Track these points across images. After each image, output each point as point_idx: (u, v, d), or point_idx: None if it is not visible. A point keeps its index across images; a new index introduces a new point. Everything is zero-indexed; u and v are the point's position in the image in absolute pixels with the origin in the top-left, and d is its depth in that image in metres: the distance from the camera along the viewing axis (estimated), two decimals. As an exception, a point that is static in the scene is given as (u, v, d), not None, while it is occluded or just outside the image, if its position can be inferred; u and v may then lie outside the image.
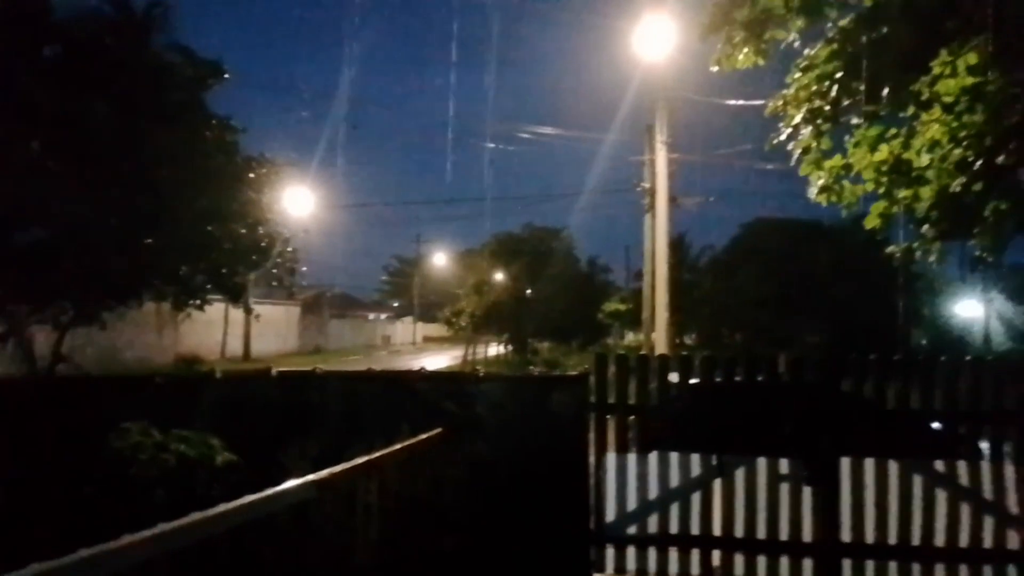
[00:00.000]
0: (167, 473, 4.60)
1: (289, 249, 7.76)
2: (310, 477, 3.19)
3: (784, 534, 5.05)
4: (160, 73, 5.79)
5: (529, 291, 35.29)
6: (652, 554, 5.19)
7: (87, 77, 5.42)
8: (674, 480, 5.19)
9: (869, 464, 5.03)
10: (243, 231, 6.44)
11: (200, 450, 4.77)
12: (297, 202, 18.36)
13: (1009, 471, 4.96)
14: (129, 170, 5.22)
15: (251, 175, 6.56)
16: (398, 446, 4.19)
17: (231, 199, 6.18)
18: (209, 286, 6.61)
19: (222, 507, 2.61)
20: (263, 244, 6.92)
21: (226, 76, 6.39)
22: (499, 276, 35.14)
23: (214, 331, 31.49)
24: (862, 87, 7.34)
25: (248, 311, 6.92)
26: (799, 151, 8.26)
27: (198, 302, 6.71)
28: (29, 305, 5.88)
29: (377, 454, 3.84)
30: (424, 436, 4.64)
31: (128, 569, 2.11)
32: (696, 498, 5.15)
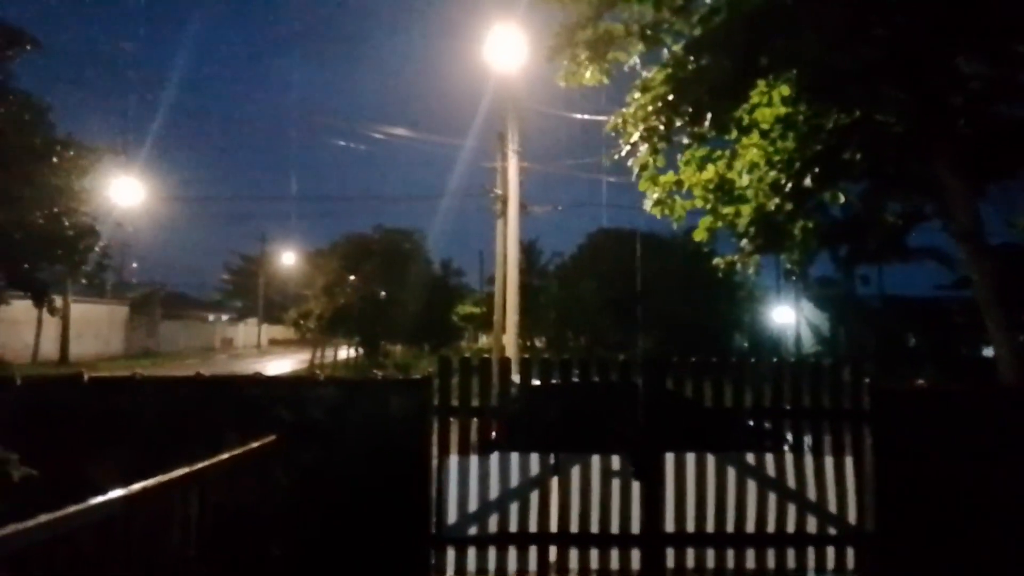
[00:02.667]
0: (-52, 492, 4.06)
1: (101, 243, 7.04)
2: (118, 492, 2.96)
3: (615, 527, 5.31)
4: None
5: (382, 293, 34.74)
6: (492, 554, 5.27)
7: None
8: (514, 480, 5.30)
9: (690, 458, 5.41)
10: (41, 221, 5.76)
11: (-10, 465, 4.25)
12: (123, 193, 16.81)
13: (808, 461, 5.51)
14: None
15: (54, 159, 5.89)
16: (223, 456, 3.97)
17: (30, 184, 5.51)
18: (5, 283, 5.85)
19: (11, 528, 2.37)
20: (69, 236, 6.23)
21: (29, 46, 5.70)
22: (350, 277, 34.30)
23: (24, 332, 28.20)
24: (688, 110, 7.92)
25: (52, 311, 6.13)
26: (637, 167, 8.77)
27: (-7, 299, 5.93)
28: None
29: (198, 465, 3.61)
30: (253, 444, 4.42)
31: None
32: (534, 496, 5.29)
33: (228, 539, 3.99)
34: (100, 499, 2.86)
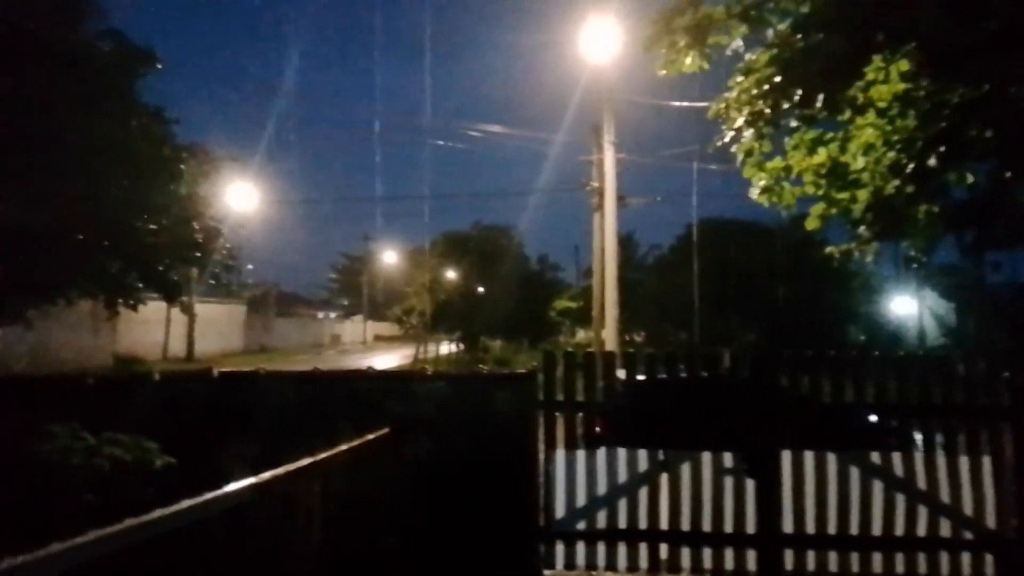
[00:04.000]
0: (100, 477, 4.42)
1: (227, 245, 7.51)
2: (248, 480, 3.11)
3: (729, 526, 5.15)
4: (85, 58, 5.52)
5: (481, 289, 35.25)
6: (601, 549, 5.23)
7: (5, 64, 5.14)
8: (621, 475, 5.24)
9: (808, 456, 5.17)
10: (174, 226, 6.20)
11: (135, 453, 4.59)
12: (240, 197, 17.86)
13: (940, 462, 5.15)
14: (50, 158, 4.96)
15: (182, 167, 6.32)
16: (342, 447, 4.11)
17: (162, 191, 5.94)
18: (142, 284, 6.34)
19: (157, 512, 2.53)
20: (197, 240, 6.68)
21: (157, 63, 6.14)
22: (449, 274, 35.00)
23: (154, 331, 30.50)
24: (798, 92, 7.53)
25: (186, 310, 6.67)
26: (742, 153, 8.44)
27: (131, 301, 6.42)
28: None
29: (319, 456, 3.76)
30: (368, 437, 4.57)
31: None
32: (643, 493, 5.21)
33: (346, 529, 4.13)
34: (233, 487, 3.01)
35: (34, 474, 4.31)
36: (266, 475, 3.24)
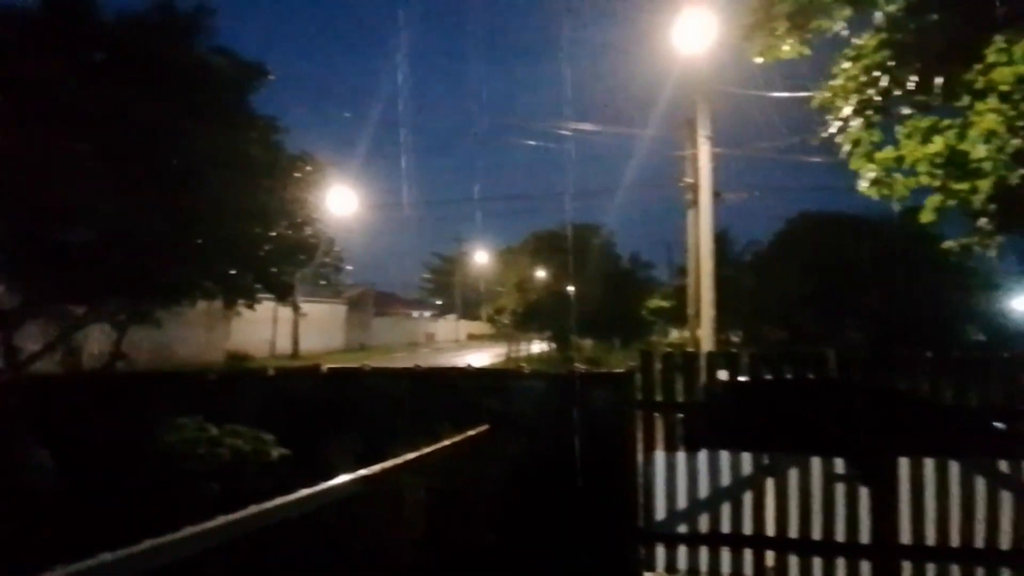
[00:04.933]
0: (221, 467, 4.71)
1: (336, 248, 7.89)
2: (359, 472, 3.22)
3: (841, 535, 4.93)
4: (203, 75, 5.91)
5: (571, 288, 35.15)
6: (703, 553, 5.12)
7: (133, 80, 5.57)
8: (724, 479, 5.11)
9: (928, 464, 4.88)
10: (288, 231, 6.56)
11: (254, 445, 4.87)
12: (340, 201, 18.58)
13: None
14: (176, 171, 5.35)
15: (296, 174, 6.67)
16: (445, 443, 4.21)
17: (276, 198, 6.30)
18: (258, 285, 6.73)
19: (275, 501, 2.66)
20: (309, 243, 7.03)
21: (268, 76, 6.49)
22: (540, 273, 35.09)
23: (262, 329, 32.14)
24: (913, 77, 7.10)
25: (296, 309, 7.03)
26: (849, 144, 8.04)
27: (248, 301, 6.84)
28: (84, 305, 6.07)
29: (423, 451, 3.86)
30: (468, 433, 4.65)
31: (183, 560, 2.16)
32: (748, 497, 5.06)
33: (448, 523, 4.22)
34: (345, 478, 3.14)
35: (164, 463, 4.64)
36: (375, 468, 3.36)
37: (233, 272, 6.42)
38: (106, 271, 5.75)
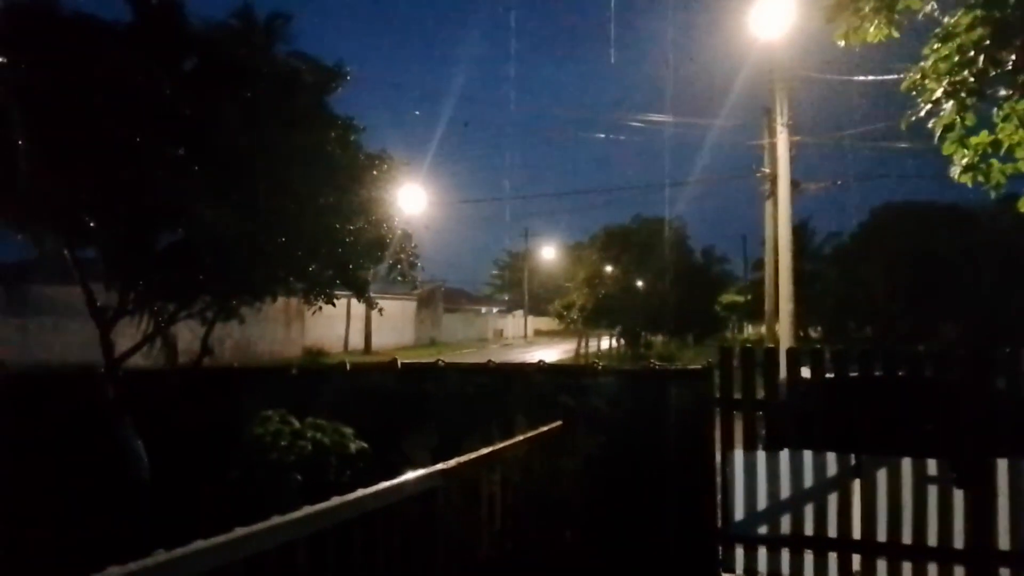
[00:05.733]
0: (303, 459, 4.86)
1: (412, 244, 8.01)
2: (438, 466, 3.25)
3: (933, 539, 4.69)
4: (287, 80, 6.10)
5: (641, 283, 34.69)
6: (785, 556, 4.97)
7: (221, 85, 5.80)
8: (807, 480, 4.93)
9: None
10: (366, 227, 6.69)
11: (334, 438, 5.00)
12: (412, 198, 18.92)
13: None
14: (261, 172, 5.54)
15: (374, 172, 6.80)
16: (518, 438, 4.21)
17: (354, 196, 6.44)
18: (337, 281, 6.90)
19: (358, 493, 2.72)
20: (386, 239, 7.16)
21: (347, 78, 6.64)
22: (609, 269, 34.77)
23: (336, 325, 33.08)
24: (1012, 56, 6.66)
25: (371, 305, 7.19)
26: (940, 128, 7.62)
27: (326, 297, 7.02)
28: (175, 302, 6.38)
29: (498, 445, 3.88)
30: (543, 429, 4.64)
31: (272, 549, 2.23)
32: (833, 499, 4.87)
33: (525, 519, 4.23)
34: (424, 471, 3.18)
35: (251, 454, 4.82)
36: (452, 462, 3.38)
37: (313, 269, 6.60)
38: (197, 270, 6.02)
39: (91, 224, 5.93)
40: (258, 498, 4.48)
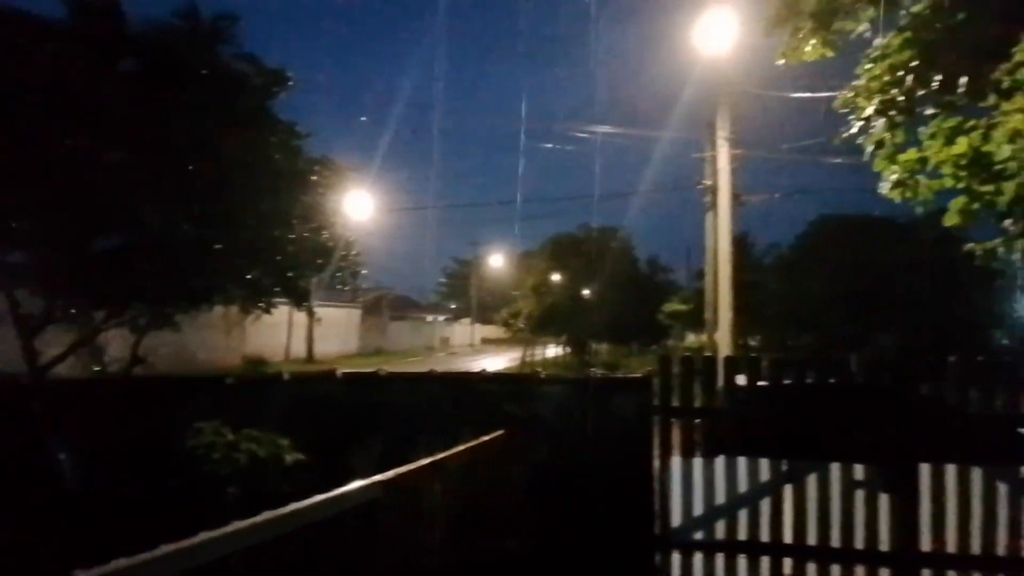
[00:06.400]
0: (239, 471, 4.74)
1: (354, 252, 7.94)
2: (377, 477, 3.22)
3: (860, 542, 4.86)
4: (230, 82, 5.98)
5: (587, 292, 35.06)
6: (720, 561, 5.07)
7: (162, 88, 5.65)
8: (742, 485, 5.05)
9: (951, 471, 4.80)
10: (307, 234, 6.61)
11: (270, 449, 4.89)
12: (357, 205, 18.70)
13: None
14: (202, 176, 5.41)
15: (314, 178, 6.72)
16: (461, 448, 4.20)
17: (296, 202, 6.35)
18: (276, 289, 6.78)
19: (294, 506, 2.67)
20: (327, 247, 7.07)
21: (290, 82, 6.56)
22: (556, 277, 35.04)
23: (278, 333, 32.37)
24: (938, 76, 7.00)
25: (311, 314, 7.08)
26: (872, 145, 7.94)
27: (265, 305, 6.88)
28: (107, 310, 6.15)
29: (441, 455, 3.86)
30: (486, 438, 4.64)
31: (204, 565, 2.17)
32: (766, 504, 5.00)
33: (469, 528, 4.21)
34: (363, 483, 3.13)
35: (183, 468, 4.68)
36: (391, 473, 3.35)
37: (252, 276, 6.47)
38: (131, 276, 5.83)
39: (14, 226, 5.69)
40: (190, 513, 4.35)
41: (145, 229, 5.16)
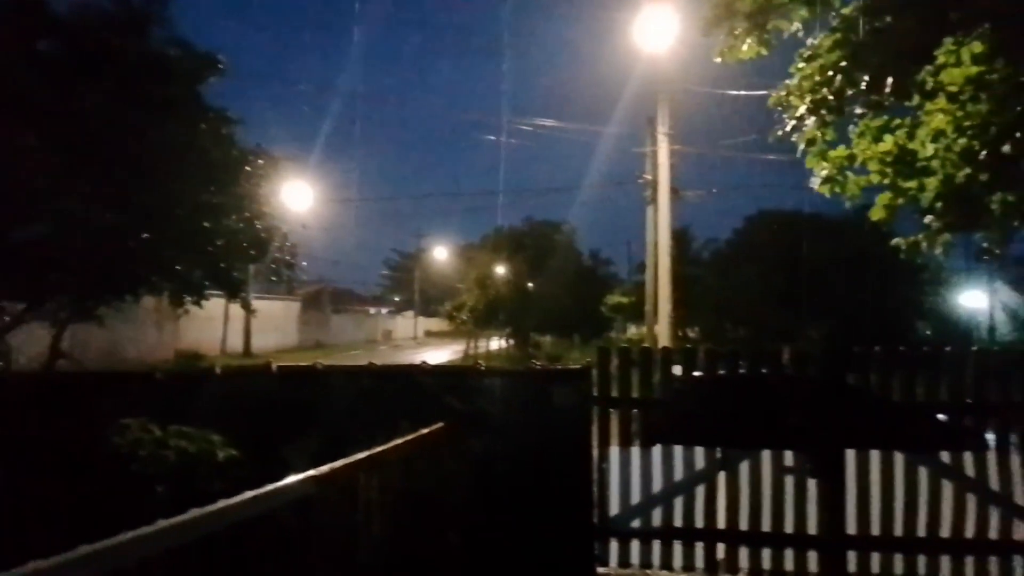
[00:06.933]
0: (168, 469, 4.57)
1: (288, 243, 7.72)
2: (310, 473, 3.15)
3: (789, 527, 5.02)
4: (157, 66, 5.74)
5: (531, 285, 35.22)
6: (656, 548, 5.16)
7: (84, 70, 5.38)
8: (678, 474, 5.16)
9: (875, 456, 5.00)
10: (240, 225, 6.39)
11: (200, 446, 4.74)
12: (296, 196, 18.29)
13: (1015, 462, 4.93)
14: (126, 163, 5.17)
15: (247, 168, 6.51)
16: (399, 441, 4.15)
17: (227, 192, 6.14)
18: (207, 281, 6.55)
19: (222, 503, 2.58)
20: (261, 238, 6.86)
21: (221, 68, 6.34)
22: (501, 270, 35.09)
23: (214, 327, 31.47)
24: (865, 77, 7.28)
25: (246, 307, 6.90)
26: (804, 142, 8.20)
27: (196, 298, 6.64)
28: (26, 302, 5.85)
29: (378, 449, 3.80)
30: (426, 431, 4.60)
31: (128, 566, 2.08)
32: (700, 492, 5.12)
33: (408, 523, 4.17)
34: (295, 479, 3.06)
35: (107, 467, 4.49)
36: (325, 468, 3.28)
37: (181, 267, 6.24)
38: (50, 266, 5.54)
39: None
40: (115, 514, 4.17)
41: (65, 219, 4.90)
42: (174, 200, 5.63)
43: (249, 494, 2.74)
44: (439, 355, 35.88)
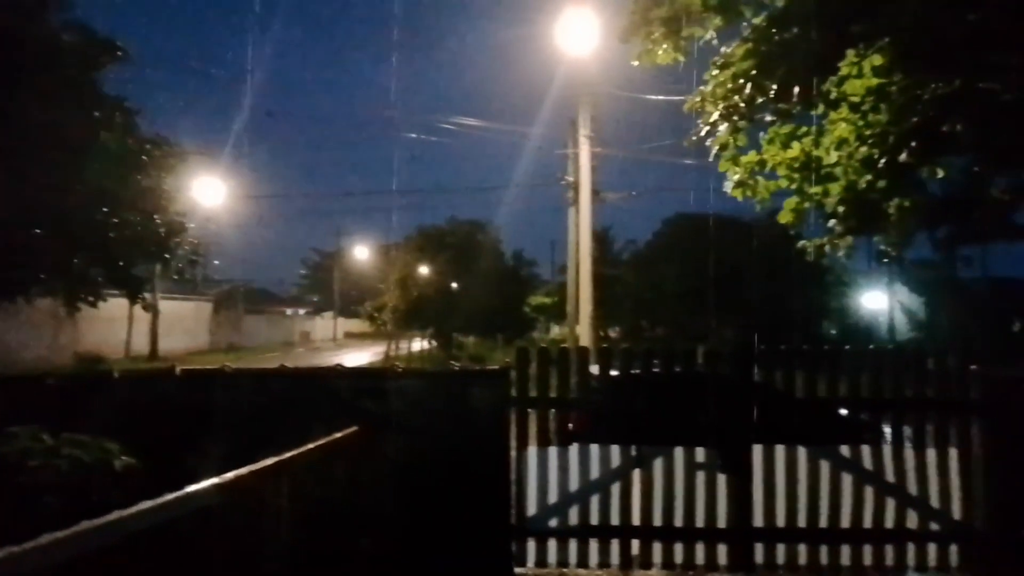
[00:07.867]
0: (60, 480, 4.28)
1: (192, 240, 7.33)
2: (213, 480, 3.02)
3: (700, 521, 5.15)
4: (45, 49, 5.36)
5: (455, 285, 35.07)
6: (573, 546, 5.20)
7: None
8: (594, 472, 5.21)
9: (780, 451, 5.19)
10: (138, 219, 6.03)
11: (96, 455, 4.45)
12: (207, 191, 17.49)
13: (909, 455, 5.21)
14: (10, 152, 4.79)
15: (145, 158, 6.16)
16: (310, 446, 4.02)
17: (124, 184, 5.79)
18: (104, 280, 6.14)
19: (116, 514, 2.44)
20: (160, 234, 6.50)
21: (120, 54, 5.99)
22: (423, 270, 34.77)
23: (118, 329, 29.85)
24: (774, 86, 7.57)
25: (147, 307, 6.48)
26: (717, 147, 8.46)
27: (91, 298, 6.22)
28: None
29: (287, 455, 3.67)
30: (339, 435, 4.48)
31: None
32: (616, 489, 5.19)
33: (319, 531, 4.05)
34: (196, 487, 2.92)
35: (-9, 477, 4.16)
36: (230, 475, 3.15)
37: (76, 265, 5.84)
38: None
39: None
40: (1, 528, 3.87)
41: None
42: (66, 191, 5.27)
43: (146, 504, 2.60)
44: (359, 357, 35.23)
